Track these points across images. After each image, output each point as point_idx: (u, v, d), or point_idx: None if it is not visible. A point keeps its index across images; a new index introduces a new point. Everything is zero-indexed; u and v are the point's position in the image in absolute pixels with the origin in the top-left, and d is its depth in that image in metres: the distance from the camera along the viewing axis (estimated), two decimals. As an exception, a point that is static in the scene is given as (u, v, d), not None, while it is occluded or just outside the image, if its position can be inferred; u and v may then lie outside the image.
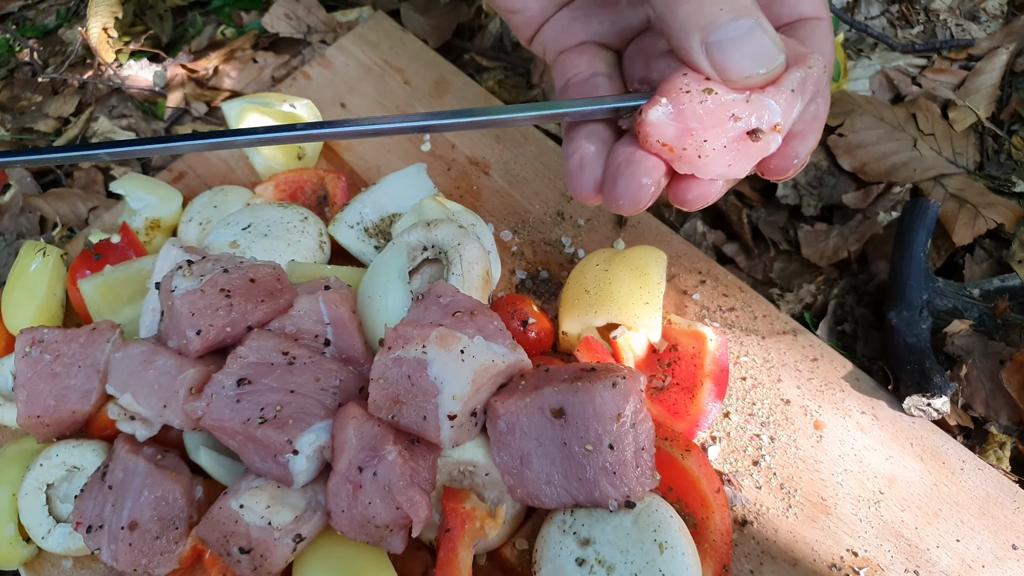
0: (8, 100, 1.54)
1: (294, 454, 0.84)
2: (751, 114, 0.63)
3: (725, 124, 0.63)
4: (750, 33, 0.60)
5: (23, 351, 1.01)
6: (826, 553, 0.88)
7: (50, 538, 0.98)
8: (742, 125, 0.63)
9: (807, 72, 0.64)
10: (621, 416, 0.81)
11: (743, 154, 0.65)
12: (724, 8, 0.59)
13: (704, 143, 0.64)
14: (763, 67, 0.60)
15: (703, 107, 0.63)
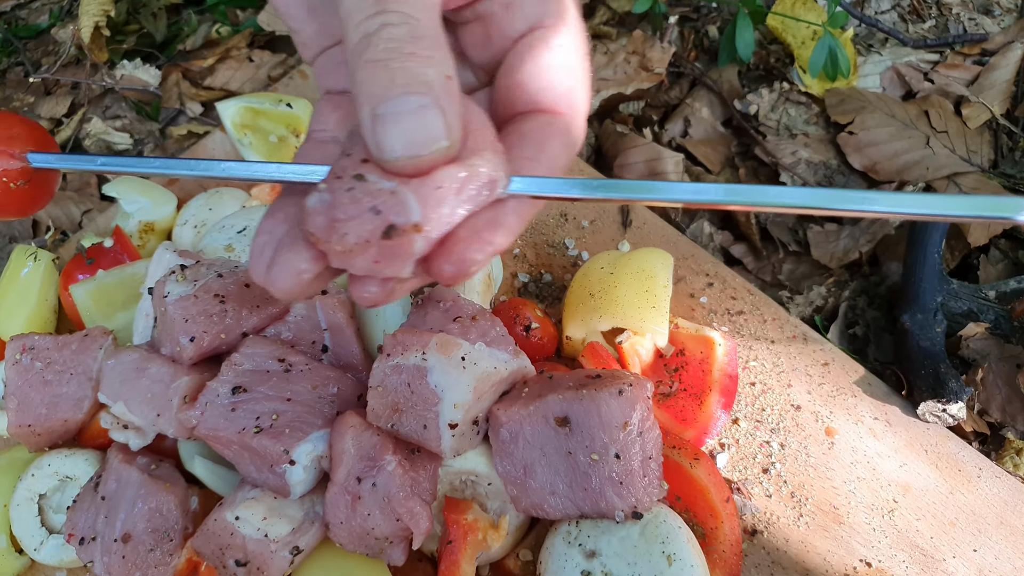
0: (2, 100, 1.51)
1: (291, 464, 0.81)
2: (391, 209, 0.57)
3: (365, 217, 0.57)
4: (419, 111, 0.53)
5: (13, 358, 0.98)
6: (839, 563, 0.85)
7: (43, 550, 0.96)
8: (381, 221, 0.57)
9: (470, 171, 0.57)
10: (628, 425, 0.78)
11: (389, 252, 0.58)
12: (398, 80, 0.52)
13: (345, 236, 0.58)
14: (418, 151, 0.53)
15: (349, 195, 0.57)
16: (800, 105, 1.19)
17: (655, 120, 1.22)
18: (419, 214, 0.56)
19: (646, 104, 1.25)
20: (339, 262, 0.59)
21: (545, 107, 0.61)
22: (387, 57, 0.52)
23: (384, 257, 0.58)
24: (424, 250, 0.58)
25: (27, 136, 0.73)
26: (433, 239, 0.58)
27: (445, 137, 0.53)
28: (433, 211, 0.57)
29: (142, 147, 1.40)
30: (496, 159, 0.58)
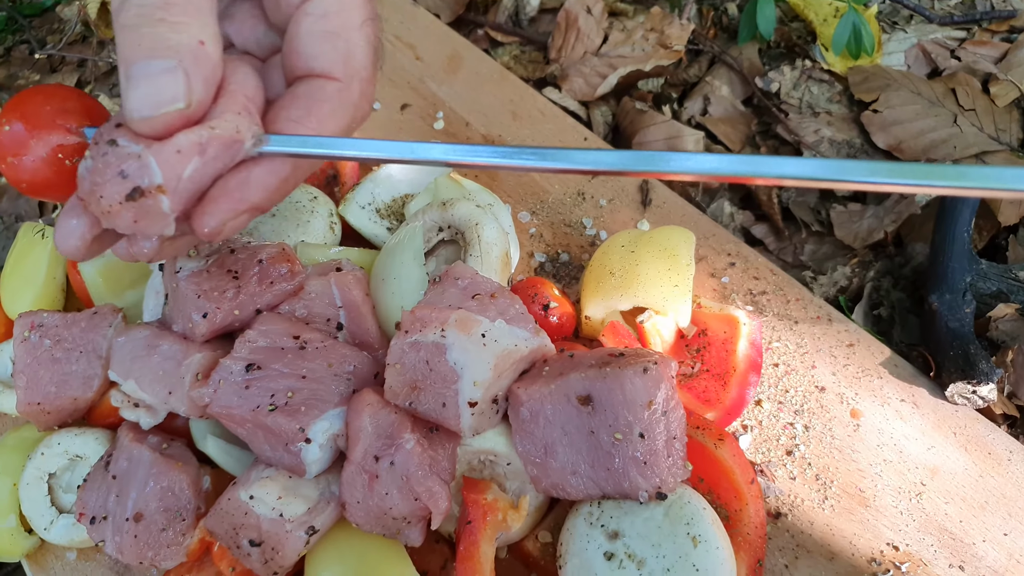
0: (5, 79, 1.49)
1: (307, 443, 0.79)
2: (136, 173, 0.61)
3: (115, 181, 0.62)
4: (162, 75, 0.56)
5: (22, 336, 0.96)
6: (865, 547, 0.83)
7: (52, 529, 0.94)
8: (127, 184, 0.61)
9: (211, 133, 0.61)
10: (652, 403, 0.76)
11: (143, 213, 0.63)
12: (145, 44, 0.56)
13: (101, 199, 0.63)
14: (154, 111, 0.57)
15: (103, 160, 0.62)
16: (823, 83, 1.16)
17: (674, 98, 1.20)
18: (161, 176, 0.61)
19: (665, 82, 1.23)
20: (106, 223, 0.65)
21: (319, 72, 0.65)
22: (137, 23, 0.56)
23: (140, 217, 0.63)
24: (176, 209, 0.64)
25: (84, 110, 0.72)
26: (182, 199, 0.63)
27: (183, 99, 0.57)
28: (174, 172, 0.61)
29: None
30: (241, 120, 0.63)
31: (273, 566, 0.83)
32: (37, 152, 0.70)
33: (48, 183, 0.72)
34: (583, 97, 1.23)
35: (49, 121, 0.71)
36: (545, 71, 1.27)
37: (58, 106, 0.72)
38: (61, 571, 0.98)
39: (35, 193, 0.75)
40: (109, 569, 0.97)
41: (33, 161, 0.70)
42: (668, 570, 0.74)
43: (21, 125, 0.71)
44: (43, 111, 0.71)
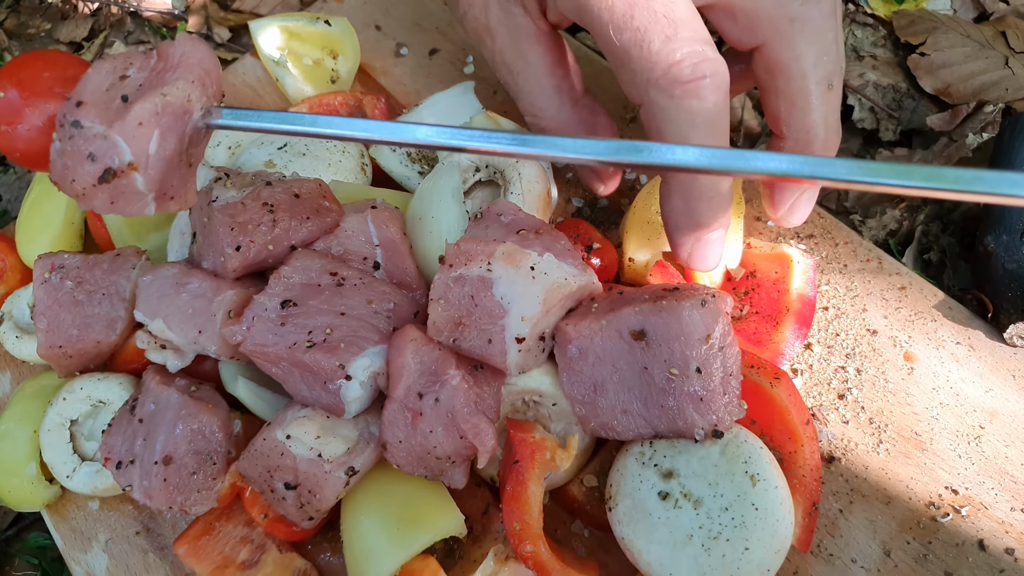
0: (15, 27, 1.44)
1: (347, 380, 0.76)
2: (105, 153, 0.60)
3: (85, 164, 0.61)
4: None
5: (42, 277, 0.93)
6: (922, 491, 0.81)
7: (75, 477, 0.91)
8: (98, 166, 0.61)
9: (163, 100, 0.61)
10: (710, 337, 0.73)
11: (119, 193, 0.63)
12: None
13: (74, 183, 0.62)
14: None
15: (71, 143, 0.61)
16: (867, 27, 1.12)
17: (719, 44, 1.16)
18: (131, 153, 0.61)
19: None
20: (83, 205, 0.64)
21: None
22: None
23: (117, 198, 0.63)
24: (151, 187, 0.63)
25: None
26: (155, 176, 0.62)
27: None
28: (141, 148, 0.61)
29: (166, 74, 1.33)
30: (193, 89, 0.63)
31: (309, 510, 0.80)
32: (33, 121, 0.67)
33: (43, 154, 0.68)
34: (616, 43, 1.19)
35: (47, 89, 0.67)
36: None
37: (57, 73, 0.68)
38: (83, 522, 0.95)
39: (29, 164, 0.71)
40: (134, 519, 0.94)
41: (28, 131, 0.67)
42: (726, 509, 0.72)
43: (16, 92, 0.67)
44: (41, 78, 0.68)
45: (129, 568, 0.91)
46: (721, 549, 0.71)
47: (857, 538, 0.80)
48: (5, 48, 1.40)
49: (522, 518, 0.76)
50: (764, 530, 0.71)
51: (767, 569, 0.72)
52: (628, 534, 0.75)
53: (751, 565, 0.71)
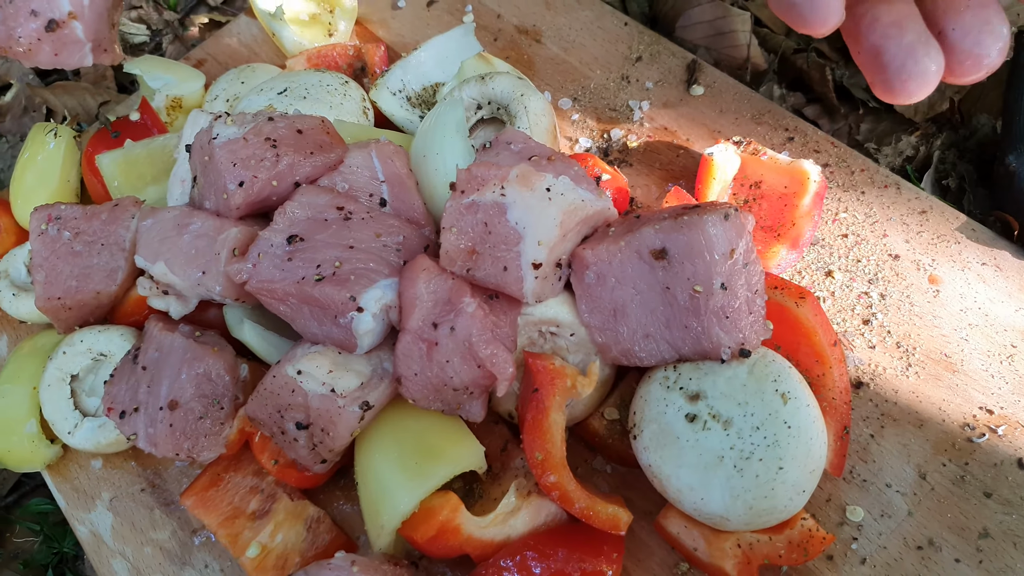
0: None
1: (358, 312, 0.73)
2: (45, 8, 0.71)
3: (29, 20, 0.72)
4: None
5: (39, 229, 0.90)
6: (955, 412, 0.78)
7: (77, 433, 0.88)
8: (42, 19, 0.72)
9: None
10: (734, 252, 0.70)
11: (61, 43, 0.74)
12: None
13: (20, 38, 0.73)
14: None
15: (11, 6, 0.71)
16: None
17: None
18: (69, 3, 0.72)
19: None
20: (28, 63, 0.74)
21: None
22: None
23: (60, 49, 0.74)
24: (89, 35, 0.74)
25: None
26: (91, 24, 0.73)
27: None
28: None
29: (160, 38, 1.31)
30: None
31: (321, 451, 0.77)
32: None
33: None
34: (618, -11, 1.17)
35: None
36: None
37: None
38: (86, 481, 0.92)
39: None
40: (138, 476, 0.91)
41: None
42: (757, 428, 0.69)
43: None
44: None
45: (135, 525, 0.88)
46: (754, 469, 0.68)
47: (891, 463, 0.77)
48: None
49: (544, 447, 0.73)
50: (798, 448, 0.68)
51: (802, 490, 0.69)
52: (655, 461, 0.72)
53: (785, 485, 0.68)
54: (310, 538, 0.82)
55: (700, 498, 0.70)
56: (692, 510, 0.71)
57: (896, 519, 0.75)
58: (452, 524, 0.73)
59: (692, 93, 1.00)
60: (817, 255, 0.88)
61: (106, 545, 0.88)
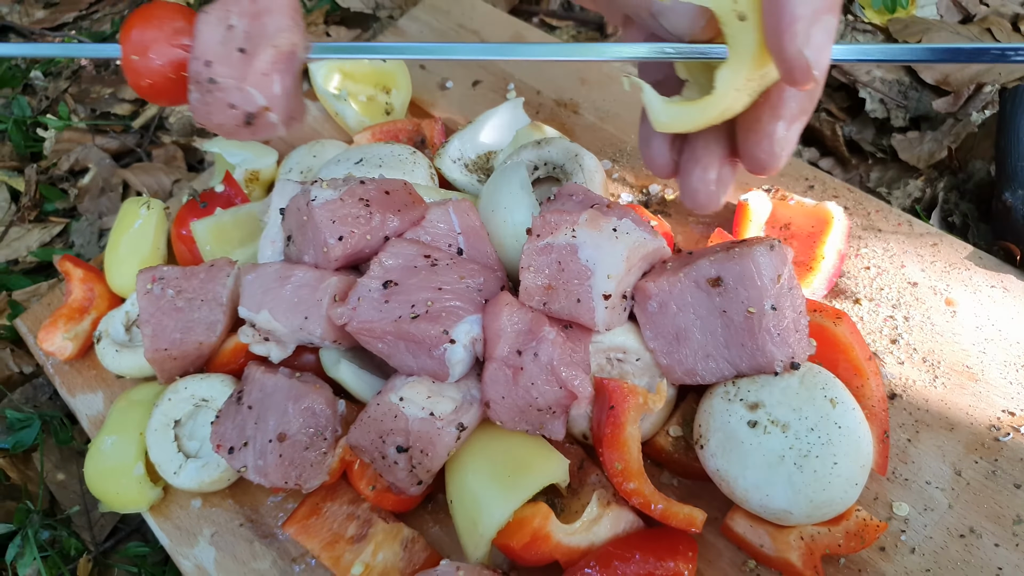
0: (78, 94, 1.55)
1: (451, 344, 0.83)
2: (243, 102, 0.74)
3: (228, 112, 0.75)
4: None
5: (144, 288, 1.00)
6: (981, 416, 0.88)
7: (182, 473, 0.96)
8: (239, 113, 0.75)
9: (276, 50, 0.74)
10: (781, 277, 0.81)
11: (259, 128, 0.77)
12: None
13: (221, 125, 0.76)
14: None
15: (210, 97, 0.75)
16: (867, 33, 1.26)
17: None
18: (263, 99, 0.75)
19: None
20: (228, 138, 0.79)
21: None
22: None
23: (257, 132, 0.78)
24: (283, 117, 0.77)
25: None
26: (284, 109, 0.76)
27: None
28: (270, 92, 0.75)
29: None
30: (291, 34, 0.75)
31: (419, 472, 0.86)
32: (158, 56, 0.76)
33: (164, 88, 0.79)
34: (642, 65, 1.31)
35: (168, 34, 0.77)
36: (604, 44, 1.36)
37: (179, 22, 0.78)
38: (187, 519, 0.99)
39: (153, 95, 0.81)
40: (236, 513, 0.99)
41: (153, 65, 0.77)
42: (812, 429, 0.79)
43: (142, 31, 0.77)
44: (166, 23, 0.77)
45: (237, 557, 0.95)
46: (812, 465, 0.77)
47: (928, 463, 0.86)
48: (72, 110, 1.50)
49: (623, 458, 0.82)
50: (849, 446, 0.78)
51: (855, 483, 0.78)
52: (722, 465, 0.81)
53: (841, 479, 0.77)
54: (407, 557, 0.89)
55: (765, 495, 0.79)
56: (758, 507, 0.80)
57: (938, 512, 0.83)
58: (543, 531, 0.81)
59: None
60: (844, 285, 0.99)
61: (211, 576, 0.95)
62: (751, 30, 0.58)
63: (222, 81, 0.74)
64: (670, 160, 0.73)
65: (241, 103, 0.74)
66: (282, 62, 0.76)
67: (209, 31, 0.76)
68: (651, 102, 0.67)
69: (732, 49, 0.60)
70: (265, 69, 0.75)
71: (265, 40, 0.75)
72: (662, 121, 0.67)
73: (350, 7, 1.50)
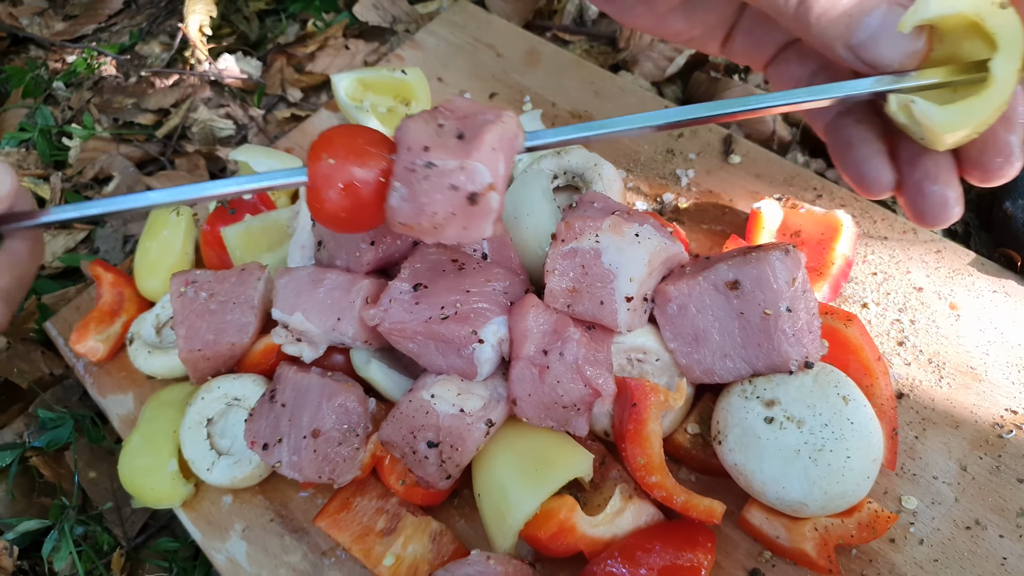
0: (101, 104, 1.59)
1: (479, 343, 0.87)
2: (467, 181, 0.69)
3: (447, 194, 0.70)
4: None
5: (178, 291, 1.04)
6: (985, 414, 0.92)
7: (215, 469, 1.00)
8: (461, 193, 0.70)
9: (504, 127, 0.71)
10: (795, 280, 0.85)
11: (475, 215, 0.71)
12: None
13: (435, 215, 0.71)
14: None
15: (427, 183, 0.70)
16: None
17: (741, 68, 1.34)
18: (489, 175, 0.70)
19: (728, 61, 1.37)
20: (431, 238, 0.73)
21: None
22: None
23: (470, 222, 0.72)
24: (501, 204, 0.71)
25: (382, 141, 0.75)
26: (502, 193, 0.71)
27: None
28: (496, 169, 0.70)
29: (246, 132, 1.48)
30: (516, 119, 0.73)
31: (448, 467, 0.89)
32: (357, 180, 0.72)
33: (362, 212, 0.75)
34: (653, 79, 1.36)
35: (363, 151, 0.73)
36: (616, 59, 1.41)
37: (369, 138, 0.75)
38: (218, 515, 1.03)
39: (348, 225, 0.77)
40: (266, 508, 1.02)
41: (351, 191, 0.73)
42: (826, 425, 0.83)
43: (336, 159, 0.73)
44: (356, 144, 0.74)
45: (268, 551, 0.99)
46: (827, 459, 0.81)
47: (935, 459, 0.90)
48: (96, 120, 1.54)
49: (645, 453, 0.86)
50: (861, 440, 0.82)
51: (867, 476, 0.82)
52: (740, 460, 0.85)
53: (854, 472, 0.81)
54: (435, 549, 0.93)
55: (782, 487, 0.83)
56: (775, 499, 0.84)
57: (945, 505, 0.87)
58: (569, 523, 0.85)
59: (730, 161, 1.17)
60: (852, 291, 1.03)
61: (244, 569, 0.98)
62: (1015, 14, 0.61)
63: (441, 164, 0.69)
64: (893, 177, 0.72)
65: (465, 182, 0.69)
66: (507, 143, 0.72)
67: (419, 127, 0.73)
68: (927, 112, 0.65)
69: (1001, 37, 0.62)
70: (495, 144, 0.70)
71: (483, 128, 0.71)
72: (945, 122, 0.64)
73: (368, 21, 1.54)
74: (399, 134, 0.74)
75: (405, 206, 0.72)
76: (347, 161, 0.72)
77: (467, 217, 0.71)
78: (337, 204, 0.74)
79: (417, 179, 0.70)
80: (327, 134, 0.75)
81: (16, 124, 1.58)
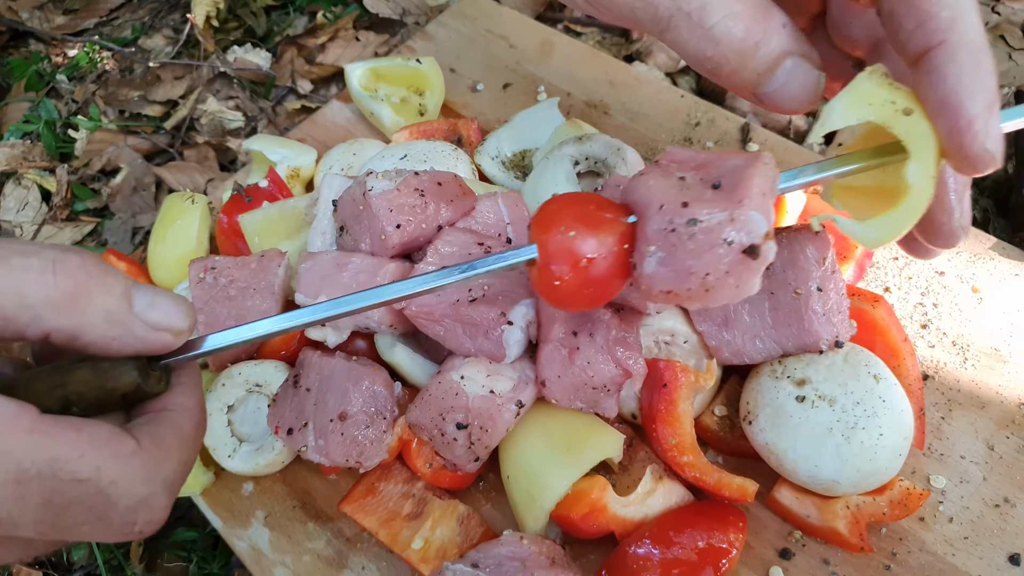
0: (106, 97, 1.58)
1: (508, 325, 0.87)
2: (741, 232, 0.60)
3: (719, 251, 0.61)
4: None
5: (197, 277, 1.03)
6: (1011, 394, 0.93)
7: (236, 456, 0.98)
8: (736, 247, 0.61)
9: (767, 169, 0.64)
10: (825, 260, 0.86)
11: (748, 270, 0.62)
12: None
13: (707, 276, 0.62)
14: None
15: (692, 242, 0.61)
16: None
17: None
18: (766, 223, 0.61)
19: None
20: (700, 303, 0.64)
21: None
22: None
23: (743, 278, 0.62)
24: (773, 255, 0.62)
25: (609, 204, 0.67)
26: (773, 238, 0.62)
27: None
28: (769, 216, 0.61)
29: (255, 123, 1.47)
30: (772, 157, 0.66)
31: (477, 449, 0.89)
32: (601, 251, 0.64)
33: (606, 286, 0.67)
34: (667, 69, 1.37)
35: (600, 218, 0.65)
36: (629, 49, 1.41)
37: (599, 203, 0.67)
38: (239, 503, 1.01)
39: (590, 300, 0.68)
40: (288, 496, 1.01)
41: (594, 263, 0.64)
42: (858, 403, 0.83)
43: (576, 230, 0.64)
44: (589, 211, 0.66)
45: (291, 537, 0.97)
46: (859, 437, 0.81)
47: (962, 439, 0.91)
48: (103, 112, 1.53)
49: (677, 433, 0.86)
50: (892, 418, 0.82)
51: (899, 453, 0.82)
52: (772, 439, 0.85)
53: (886, 449, 0.81)
54: (463, 532, 0.92)
55: (814, 466, 0.83)
56: (807, 478, 0.84)
57: (974, 484, 0.88)
58: (601, 503, 0.84)
59: (748, 150, 1.18)
60: (874, 275, 1.04)
61: (266, 556, 0.97)
62: (921, 119, 0.58)
63: (708, 218, 0.60)
64: None
65: (740, 236, 0.60)
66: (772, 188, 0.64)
67: (659, 184, 0.65)
68: (853, 230, 0.65)
69: (911, 143, 0.59)
70: (765, 189, 0.62)
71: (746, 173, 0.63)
72: (872, 238, 0.65)
73: (378, 12, 1.54)
74: (636, 196, 0.66)
75: (664, 272, 0.63)
76: (587, 231, 0.64)
77: (740, 274, 0.62)
78: (579, 279, 0.65)
79: (679, 239, 0.61)
80: (551, 205, 0.67)
81: (20, 117, 1.56)
